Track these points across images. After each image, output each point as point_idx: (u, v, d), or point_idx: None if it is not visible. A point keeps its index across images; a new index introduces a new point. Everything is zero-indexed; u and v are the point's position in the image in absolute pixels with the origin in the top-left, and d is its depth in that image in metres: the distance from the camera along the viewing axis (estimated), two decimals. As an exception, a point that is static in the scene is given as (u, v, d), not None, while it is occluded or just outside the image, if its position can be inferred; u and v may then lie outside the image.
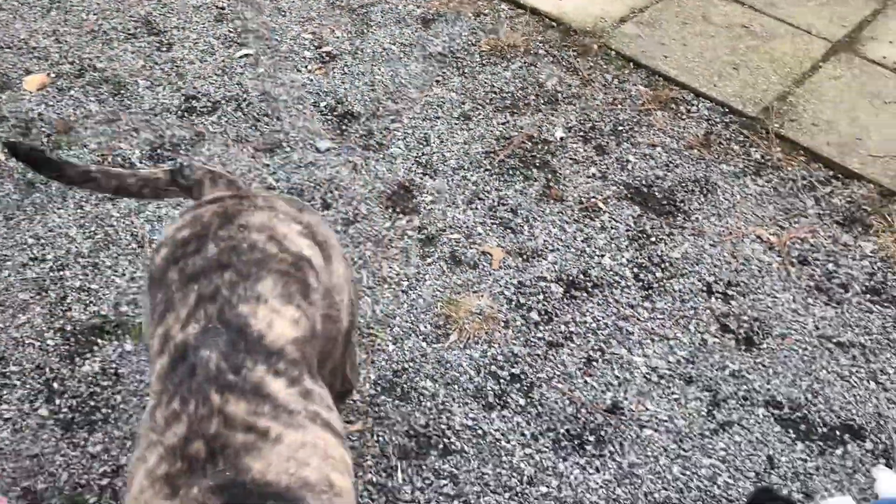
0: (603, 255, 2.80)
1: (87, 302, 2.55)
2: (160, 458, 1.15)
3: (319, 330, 1.43)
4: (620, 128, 3.27)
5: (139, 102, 3.27)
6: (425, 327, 2.56)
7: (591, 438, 2.32)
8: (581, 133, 3.25)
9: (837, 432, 2.36)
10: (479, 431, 2.32)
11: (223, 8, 3.74)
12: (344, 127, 3.23)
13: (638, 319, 2.61)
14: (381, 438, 2.29)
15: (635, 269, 2.76)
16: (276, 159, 3.08)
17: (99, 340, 2.45)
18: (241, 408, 1.19)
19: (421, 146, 3.16)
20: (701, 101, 3.37)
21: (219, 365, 1.21)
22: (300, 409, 1.24)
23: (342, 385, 1.84)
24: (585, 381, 2.45)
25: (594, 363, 2.50)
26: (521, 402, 2.39)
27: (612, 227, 2.89)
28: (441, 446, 2.29)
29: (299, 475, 1.16)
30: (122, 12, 3.67)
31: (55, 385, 2.34)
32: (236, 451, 1.14)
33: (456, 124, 3.26)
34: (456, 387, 2.42)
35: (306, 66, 3.47)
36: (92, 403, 2.30)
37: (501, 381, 2.44)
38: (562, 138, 3.22)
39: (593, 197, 2.99)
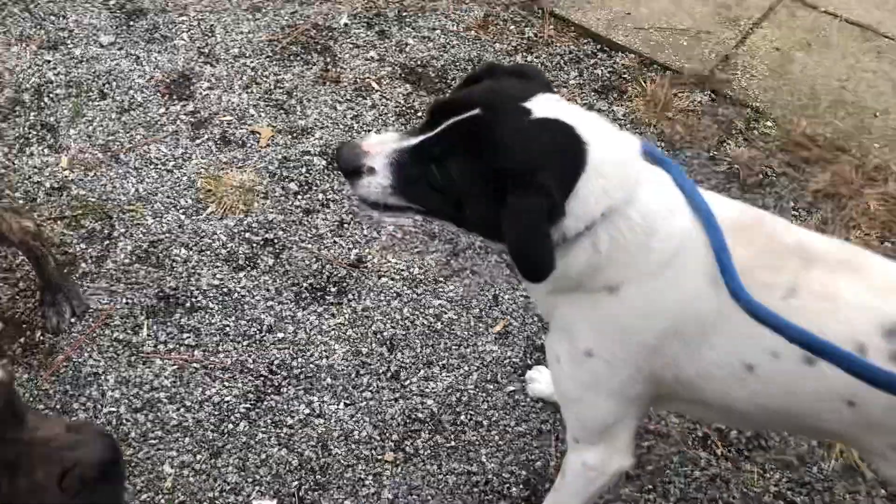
0: (370, 130, 2.94)
1: None
2: None
3: None
4: (405, 13, 3.37)
5: (-79, 6, 3.25)
6: (186, 202, 2.68)
7: (333, 290, 2.49)
8: (366, 19, 3.35)
9: (565, 273, 2.58)
10: (226, 290, 2.47)
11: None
12: (131, 23, 3.26)
13: (393, 185, 2.77)
14: (129, 301, 2.43)
15: (398, 141, 2.91)
16: (57, 55, 3.11)
17: None
18: None
19: (206, 37, 3.22)
20: (485, -15, 3.49)
21: None
22: None
23: None
24: (335, 241, 2.61)
25: (346, 225, 2.66)
26: (271, 262, 2.55)
27: (382, 105, 3.03)
28: (188, 305, 2.44)
29: None
30: None
31: None
32: None
33: (243, 15, 3.32)
34: (208, 252, 2.56)
35: (98, -34, 3.47)
36: None
37: (254, 245, 2.59)
38: (346, 25, 3.31)
39: (368, 77, 3.11)
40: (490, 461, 2.16)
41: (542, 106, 1.39)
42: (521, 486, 2.12)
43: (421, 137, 1.40)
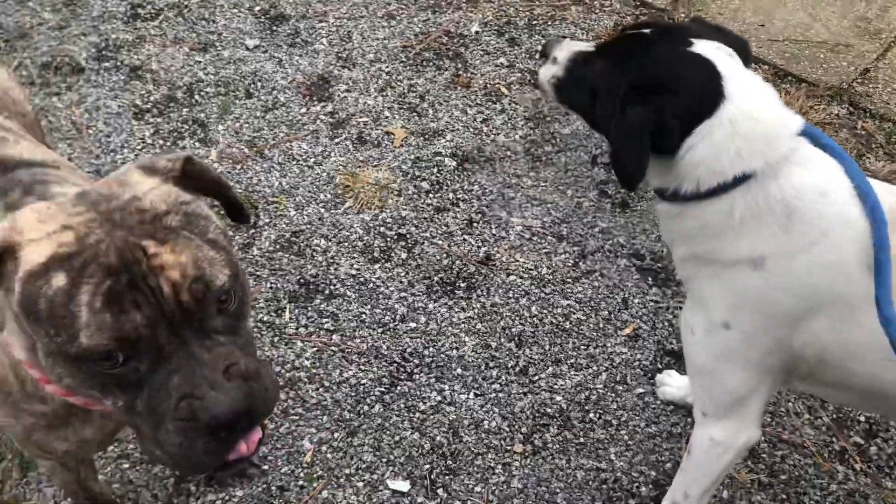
0: (499, 134, 3.01)
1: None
2: None
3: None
4: (535, 22, 3.44)
5: (89, 11, 3.54)
6: (325, 196, 2.82)
7: (462, 285, 2.56)
8: (496, 27, 3.44)
9: (694, 280, 2.57)
10: (362, 279, 2.58)
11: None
12: (274, 28, 3.46)
13: (521, 187, 2.83)
14: (273, 286, 2.57)
15: (527, 145, 2.97)
16: (207, 57, 3.33)
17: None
18: None
19: (343, 42, 3.38)
20: (614, -4, 3.52)
21: None
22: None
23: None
24: (464, 239, 2.69)
25: (475, 224, 2.73)
26: (404, 256, 2.65)
27: (511, 109, 3.10)
28: (327, 292, 2.56)
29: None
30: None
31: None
32: None
33: (379, 22, 3.47)
34: (346, 244, 2.68)
35: (245, -25, 3.70)
36: None
37: (388, 239, 2.69)
38: (477, 32, 3.41)
39: (498, 83, 3.19)
40: (619, 459, 2.17)
41: (706, 48, 1.45)
42: (650, 486, 2.12)
43: (597, 45, 1.61)
